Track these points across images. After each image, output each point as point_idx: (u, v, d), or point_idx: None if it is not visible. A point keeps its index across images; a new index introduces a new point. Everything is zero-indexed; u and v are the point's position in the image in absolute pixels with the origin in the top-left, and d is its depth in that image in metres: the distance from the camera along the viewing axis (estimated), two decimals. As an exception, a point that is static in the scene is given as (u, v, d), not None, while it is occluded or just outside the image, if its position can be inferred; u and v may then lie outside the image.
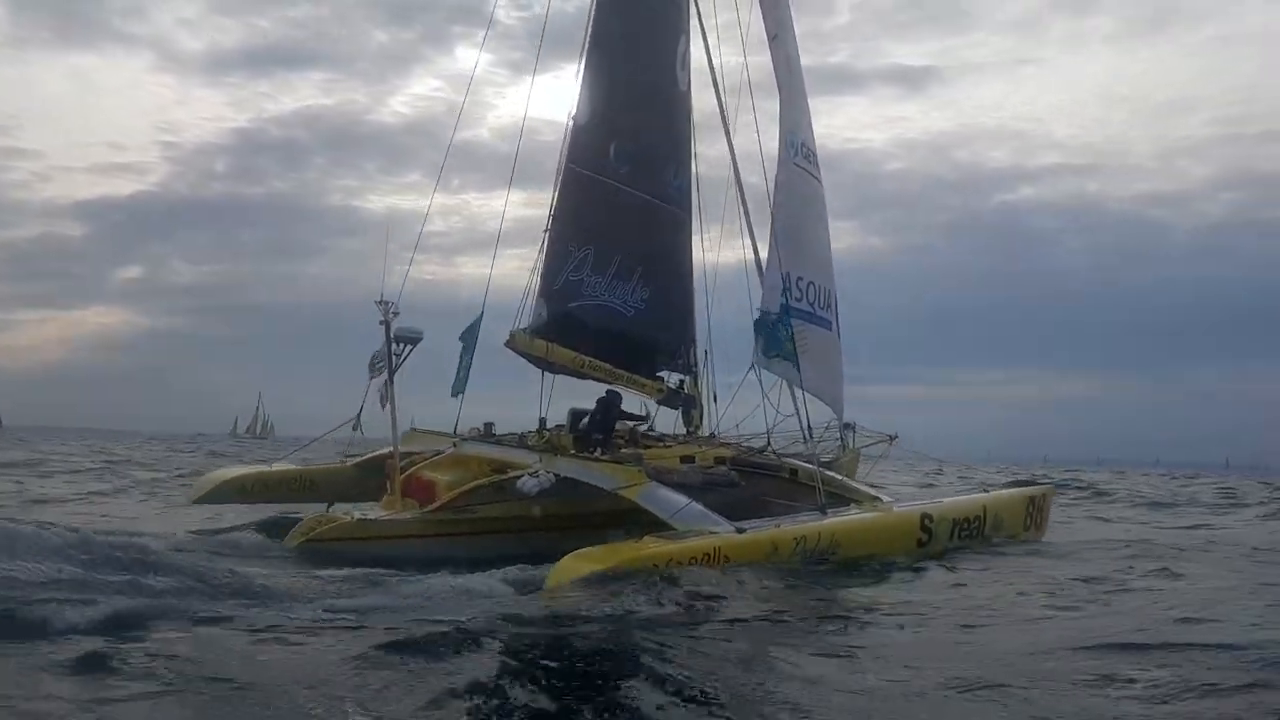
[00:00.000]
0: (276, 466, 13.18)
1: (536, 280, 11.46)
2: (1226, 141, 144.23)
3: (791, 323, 12.21)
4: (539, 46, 11.56)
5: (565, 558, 8.77)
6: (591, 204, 11.62)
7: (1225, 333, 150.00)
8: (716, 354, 14.25)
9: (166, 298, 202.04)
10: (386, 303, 10.63)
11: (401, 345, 10.82)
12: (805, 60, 13.37)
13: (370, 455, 13.03)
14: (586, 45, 11.45)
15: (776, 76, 13.52)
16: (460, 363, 12.62)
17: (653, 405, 13.44)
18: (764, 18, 13.57)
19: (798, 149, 13.46)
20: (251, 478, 12.77)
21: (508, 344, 11.69)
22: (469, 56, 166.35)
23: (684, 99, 12.65)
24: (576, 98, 11.40)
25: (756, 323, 12.01)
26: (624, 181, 11.79)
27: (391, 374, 10.85)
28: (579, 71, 11.44)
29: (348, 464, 13.20)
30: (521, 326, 11.54)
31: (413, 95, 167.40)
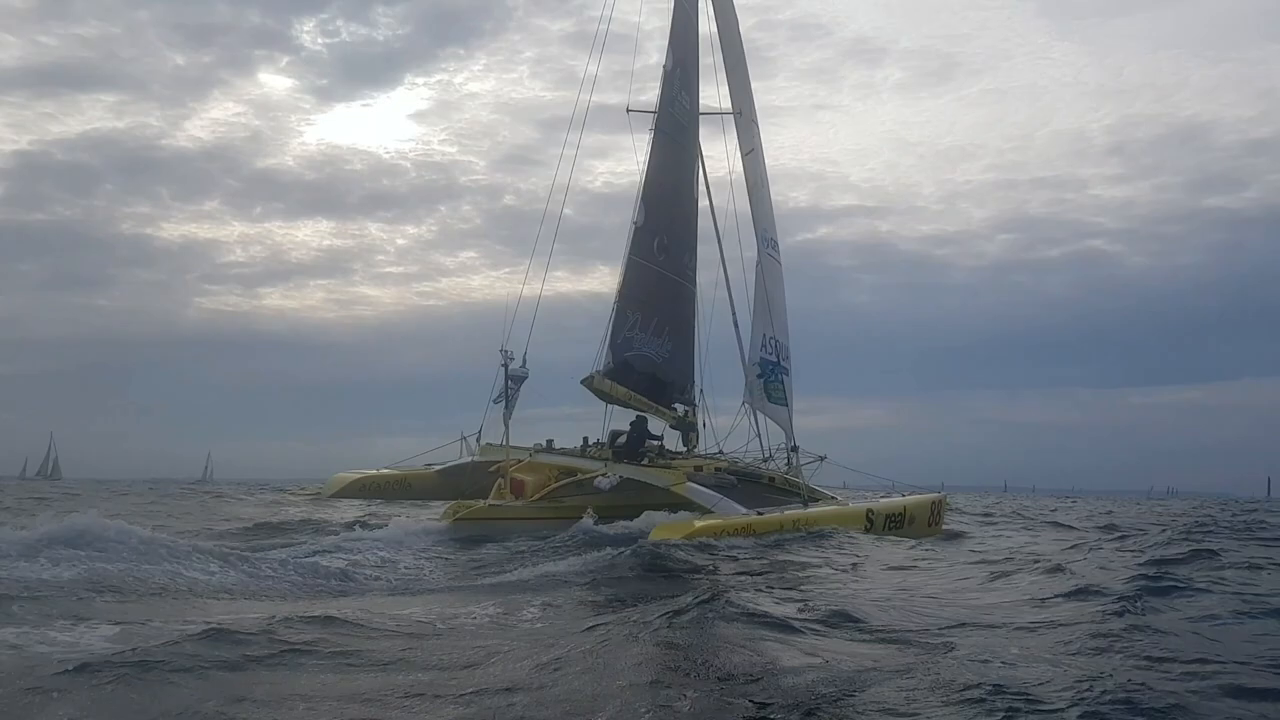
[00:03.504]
0: (383, 471, 17.02)
1: (607, 332, 15.90)
2: (1003, 186, 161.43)
3: (777, 371, 17.22)
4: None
5: (657, 526, 13.30)
6: (643, 283, 16.20)
7: (1002, 363, 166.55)
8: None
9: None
10: (506, 350, 14.87)
11: (513, 382, 15.04)
12: (617, 98, 18.35)
13: (448, 465, 17.10)
14: (645, 173, 16.12)
15: (748, 187, 18.63)
16: (510, 399, 16.78)
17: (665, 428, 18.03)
18: (739, 140, 18.65)
19: (768, 242, 18.55)
20: (368, 479, 16.59)
21: (583, 381, 16.02)
22: (271, 82, 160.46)
23: (696, 207, 17.49)
24: (636, 207, 16.03)
25: (764, 369, 17.00)
26: (661, 266, 16.46)
27: (508, 403, 15.02)
28: (639, 190, 16.08)
29: (433, 471, 17.19)
30: (598, 369, 15.91)
31: (211, 120, 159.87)
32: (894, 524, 16.59)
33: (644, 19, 17.45)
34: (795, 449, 19.01)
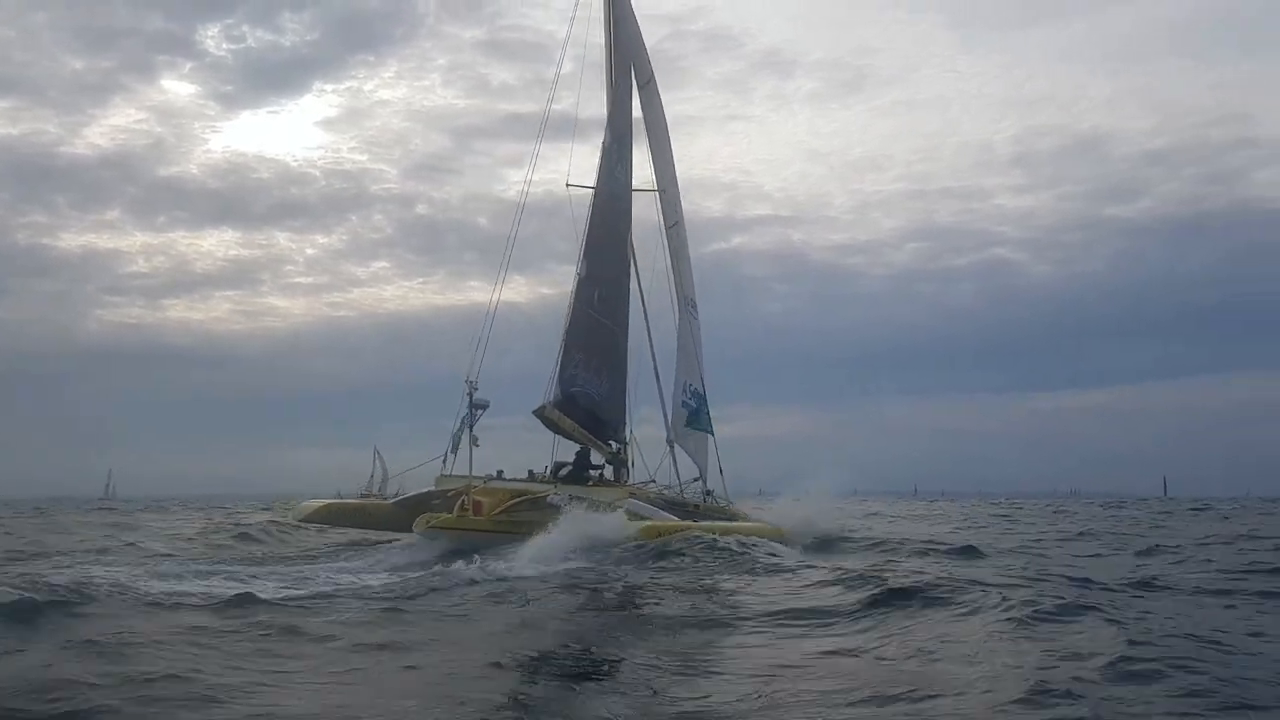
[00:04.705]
0: (347, 501, 18.42)
1: (556, 369, 18.02)
2: (912, 196, 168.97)
3: (699, 411, 19.63)
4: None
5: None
6: (586, 327, 18.49)
7: (914, 369, 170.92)
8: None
9: None
10: (471, 381, 16.80)
11: (477, 410, 16.91)
12: (530, 105, 21.18)
13: (405, 496, 18.67)
14: (585, 239, 18.61)
15: (670, 256, 21.32)
16: (457, 436, 18.55)
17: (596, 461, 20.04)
18: (664, 213, 21.43)
19: (687, 302, 21.14)
20: (333, 507, 17.99)
21: (535, 411, 17.99)
22: (175, 88, 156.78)
23: (629, 266, 20.02)
24: (579, 261, 18.43)
25: (684, 409, 19.36)
26: (600, 314, 18.80)
27: (471, 428, 16.82)
28: (580, 252, 18.52)
29: (390, 502, 18.68)
30: (549, 400, 17.94)
31: (111, 126, 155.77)
32: None
33: (555, 28, 20.09)
34: (710, 493, 21.19)
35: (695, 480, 20.82)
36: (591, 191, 19.42)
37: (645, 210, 21.85)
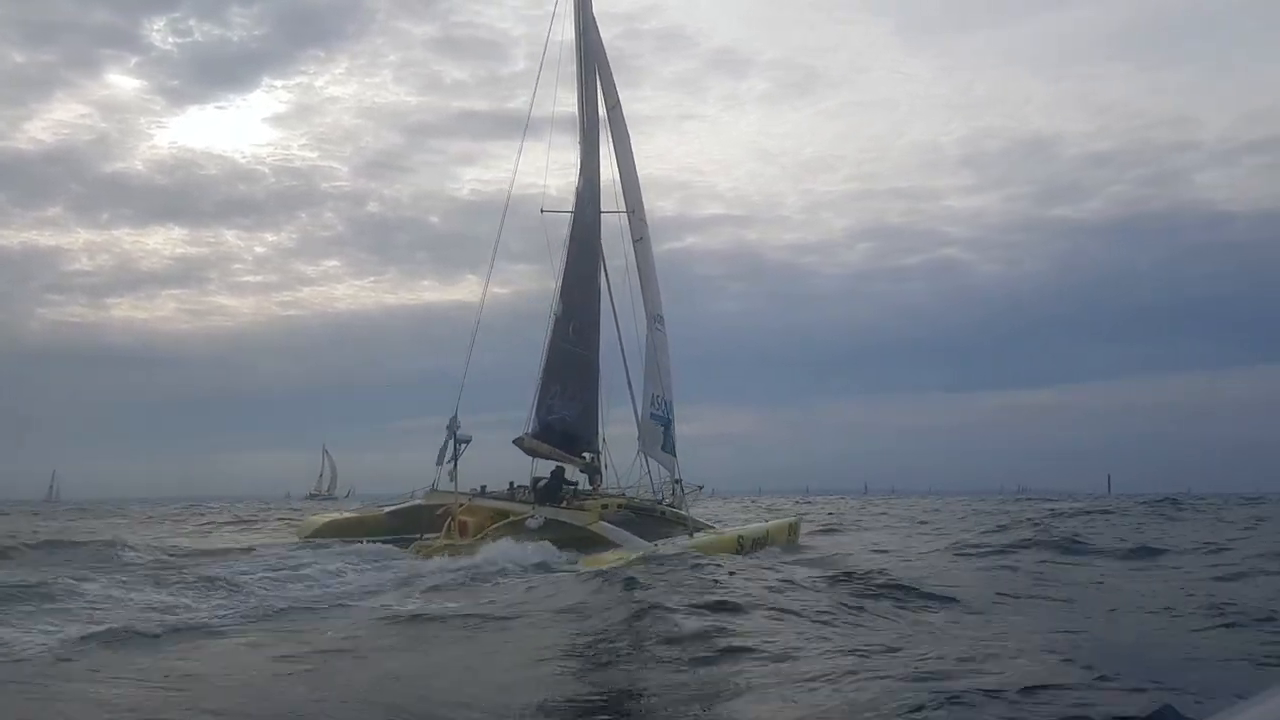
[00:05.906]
0: (346, 515, 20.39)
1: (534, 402, 19.83)
2: (862, 196, 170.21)
3: (667, 424, 21.57)
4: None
5: (582, 559, 17.34)
6: (560, 359, 20.19)
7: (865, 368, 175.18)
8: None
9: None
10: (455, 417, 18.60)
11: (460, 444, 18.76)
12: (483, 103, 22.37)
13: (397, 506, 20.66)
14: (561, 277, 20.10)
15: (639, 271, 22.85)
16: (445, 445, 20.45)
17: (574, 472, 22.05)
18: (631, 229, 22.87)
19: (655, 319, 22.81)
20: (334, 523, 19.96)
21: (515, 441, 19.85)
22: (119, 82, 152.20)
23: (599, 295, 21.61)
24: (555, 299, 20.01)
25: (653, 419, 21.29)
26: (574, 345, 20.47)
27: (456, 461, 18.72)
28: (555, 289, 20.05)
29: (383, 512, 20.69)
30: (527, 432, 19.80)
31: (54, 121, 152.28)
32: (759, 545, 21.12)
33: (511, 26, 21.05)
34: (679, 482, 23.34)
35: (667, 482, 22.94)
36: (565, 214, 20.89)
37: (612, 223, 23.31)
